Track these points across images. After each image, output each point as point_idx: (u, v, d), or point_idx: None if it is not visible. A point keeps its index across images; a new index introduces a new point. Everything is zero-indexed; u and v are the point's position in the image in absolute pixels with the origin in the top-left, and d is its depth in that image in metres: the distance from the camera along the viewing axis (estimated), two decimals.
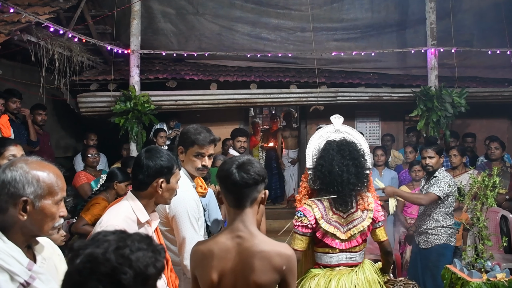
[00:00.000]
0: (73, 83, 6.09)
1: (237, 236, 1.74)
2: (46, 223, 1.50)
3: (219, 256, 1.73)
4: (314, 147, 3.04)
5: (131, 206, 2.08)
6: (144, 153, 2.14)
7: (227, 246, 1.73)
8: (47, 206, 1.48)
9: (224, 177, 1.74)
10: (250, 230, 1.74)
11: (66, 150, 7.10)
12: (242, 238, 1.73)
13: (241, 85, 6.64)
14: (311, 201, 2.82)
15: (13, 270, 1.39)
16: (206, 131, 2.64)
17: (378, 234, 2.87)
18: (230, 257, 1.72)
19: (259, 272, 1.69)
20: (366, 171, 2.85)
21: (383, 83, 6.97)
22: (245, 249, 1.71)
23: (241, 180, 1.71)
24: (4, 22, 4.75)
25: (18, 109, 5.01)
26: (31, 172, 1.47)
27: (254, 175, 1.72)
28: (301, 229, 2.74)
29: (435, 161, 4.13)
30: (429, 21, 6.48)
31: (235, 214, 1.77)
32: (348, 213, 2.76)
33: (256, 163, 1.79)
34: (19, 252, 1.45)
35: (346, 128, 3.13)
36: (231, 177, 1.72)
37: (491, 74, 7.29)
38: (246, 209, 1.76)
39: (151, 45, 6.62)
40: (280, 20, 7.13)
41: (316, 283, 2.73)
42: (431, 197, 4.01)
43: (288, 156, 8.27)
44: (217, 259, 1.72)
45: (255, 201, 1.77)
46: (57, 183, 1.51)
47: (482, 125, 7.15)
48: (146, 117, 5.90)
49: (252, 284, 1.69)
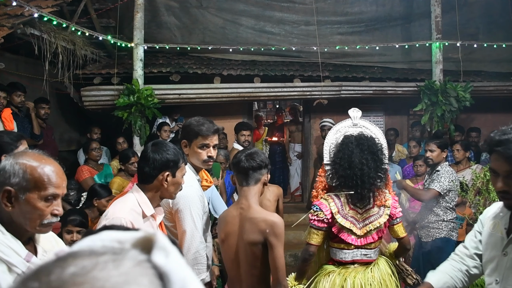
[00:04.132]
0: (76, 76, 6.08)
1: (240, 207, 2.33)
2: (32, 218, 1.45)
3: (227, 221, 2.36)
4: (332, 142, 2.96)
5: (136, 199, 2.08)
6: (151, 146, 2.14)
7: (233, 214, 2.36)
8: (32, 200, 1.43)
9: (237, 162, 2.36)
10: (250, 203, 2.31)
11: (69, 144, 7.11)
12: (243, 209, 2.31)
13: (245, 79, 6.61)
14: (327, 196, 2.78)
15: (10, 261, 1.40)
16: (208, 122, 2.62)
17: (396, 230, 2.83)
18: (235, 222, 2.32)
19: (248, 233, 2.24)
20: (384, 166, 2.81)
21: (387, 77, 6.93)
22: (243, 217, 2.29)
23: (248, 165, 2.32)
24: (7, 15, 4.74)
25: (22, 103, 5.01)
26: (20, 163, 1.44)
27: (258, 161, 2.34)
28: (317, 223, 2.70)
29: (435, 155, 4.12)
30: (434, 15, 6.43)
31: (242, 191, 2.37)
32: (365, 209, 2.73)
33: (261, 153, 2.41)
34: (17, 244, 1.45)
35: (363, 122, 3.04)
36: (241, 163, 2.34)
37: (496, 68, 7.23)
38: (250, 187, 2.34)
39: (154, 38, 6.59)
40: (284, 13, 7.09)
41: (331, 281, 2.70)
42: (431, 193, 4.01)
43: (294, 150, 8.29)
44: (226, 223, 2.36)
45: (258, 181, 2.36)
46: (49, 178, 1.45)
47: (487, 120, 7.10)
48: (150, 110, 5.89)
49: (245, 241, 2.25)
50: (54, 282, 0.44)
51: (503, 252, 1.72)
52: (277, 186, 4.37)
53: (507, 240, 1.71)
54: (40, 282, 0.45)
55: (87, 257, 0.47)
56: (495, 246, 1.78)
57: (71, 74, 5.91)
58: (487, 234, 1.86)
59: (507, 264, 1.69)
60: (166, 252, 0.52)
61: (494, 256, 1.78)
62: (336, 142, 2.90)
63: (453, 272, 1.99)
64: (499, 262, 1.74)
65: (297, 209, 6.91)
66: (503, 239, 1.74)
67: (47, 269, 0.46)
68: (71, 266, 0.46)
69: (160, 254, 0.51)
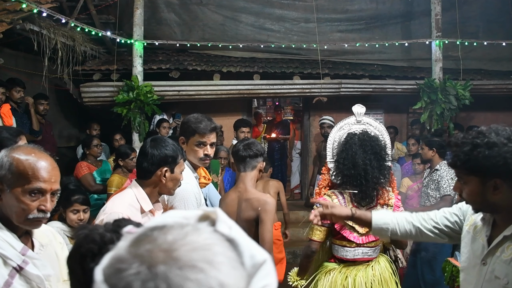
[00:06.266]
0: (76, 72, 6.07)
1: (238, 190, 2.66)
2: (17, 213, 1.42)
3: (226, 203, 2.67)
4: (335, 140, 2.97)
5: (135, 194, 2.08)
6: (150, 141, 2.14)
7: (232, 197, 2.68)
8: (16, 193, 1.41)
9: (236, 151, 2.70)
10: (246, 186, 2.64)
11: (69, 140, 7.11)
12: (240, 192, 2.64)
13: (244, 76, 6.60)
14: (331, 192, 2.79)
15: (5, 254, 1.40)
16: (207, 120, 2.61)
17: None
18: (233, 204, 2.63)
19: (244, 211, 2.57)
20: (388, 164, 2.80)
21: (387, 75, 6.92)
22: (240, 198, 2.62)
23: (246, 153, 2.65)
24: (6, 10, 4.72)
25: (22, 99, 5.00)
26: (10, 156, 1.42)
27: (255, 150, 2.67)
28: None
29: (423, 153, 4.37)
30: (434, 13, 6.42)
31: (240, 176, 2.70)
32: (368, 207, 2.73)
33: (257, 143, 2.74)
34: (12, 237, 1.45)
35: (367, 119, 3.04)
36: (239, 151, 2.67)
37: (496, 67, 7.23)
38: (247, 173, 2.67)
39: (154, 35, 6.58)
40: (284, 10, 7.08)
41: (332, 279, 2.70)
42: (448, 199, 4.04)
43: (296, 147, 8.31)
44: (225, 205, 2.65)
45: (255, 168, 2.69)
46: (33, 172, 1.41)
47: (486, 118, 7.11)
48: (149, 107, 5.89)
49: (242, 219, 2.54)
50: (163, 244, 0.56)
51: (482, 262, 1.61)
52: (277, 181, 4.84)
53: (488, 250, 1.59)
54: (152, 244, 0.56)
55: (175, 228, 0.59)
56: (475, 252, 1.67)
57: (71, 70, 5.89)
58: (467, 234, 1.74)
59: (486, 276, 1.58)
60: (228, 225, 0.63)
61: (473, 263, 1.67)
62: (340, 139, 2.91)
63: (402, 220, 1.93)
64: (478, 271, 1.62)
65: (296, 206, 6.92)
66: (484, 247, 1.62)
67: (151, 236, 0.58)
68: (168, 234, 0.58)
69: (224, 226, 0.63)
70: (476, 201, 1.58)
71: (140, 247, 0.56)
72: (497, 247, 1.56)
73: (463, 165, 1.54)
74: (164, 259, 0.54)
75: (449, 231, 1.85)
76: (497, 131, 1.50)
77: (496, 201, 1.52)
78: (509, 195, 1.50)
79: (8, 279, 1.38)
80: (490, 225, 1.63)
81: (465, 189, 1.58)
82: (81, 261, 1.03)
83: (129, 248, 0.57)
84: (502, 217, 1.58)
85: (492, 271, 1.56)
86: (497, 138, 1.48)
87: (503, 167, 1.45)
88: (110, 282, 0.55)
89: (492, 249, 1.57)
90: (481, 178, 1.52)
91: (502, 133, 1.49)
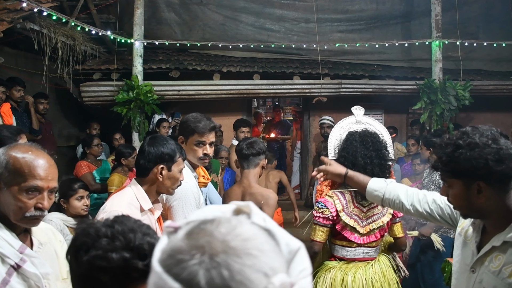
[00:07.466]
0: (76, 72, 6.07)
1: (242, 186, 2.85)
2: (14, 210, 1.42)
3: (230, 197, 2.84)
4: (336, 139, 2.97)
5: (134, 193, 2.08)
6: (148, 140, 2.15)
7: (236, 191, 2.87)
8: (13, 191, 1.41)
9: (239, 149, 2.87)
10: (250, 182, 2.83)
11: (68, 139, 7.10)
12: (244, 187, 2.84)
13: (244, 76, 6.61)
14: (332, 193, 2.77)
15: (3, 252, 1.40)
16: (206, 119, 2.59)
17: (394, 229, 2.83)
18: (237, 198, 2.78)
19: None
20: (388, 162, 2.79)
21: (386, 75, 6.92)
22: (244, 193, 2.82)
23: (249, 151, 2.82)
24: (6, 10, 4.72)
25: (22, 98, 5.00)
26: (7, 154, 1.42)
27: (257, 149, 2.83)
28: (322, 221, 2.68)
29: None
30: (434, 13, 6.42)
31: (244, 173, 2.88)
32: (369, 207, 2.72)
33: (259, 142, 2.92)
34: (10, 235, 1.44)
35: (367, 119, 3.05)
36: (243, 150, 2.84)
37: (496, 67, 7.24)
38: (251, 169, 2.85)
39: (154, 34, 6.58)
40: (284, 10, 7.08)
41: (332, 276, 2.70)
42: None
43: (297, 147, 8.32)
44: (230, 199, 2.78)
45: (257, 165, 2.85)
46: (30, 170, 1.41)
47: (486, 119, 7.10)
48: (149, 107, 5.89)
49: None
50: (219, 236, 0.61)
51: (471, 269, 1.54)
52: (278, 170, 5.31)
53: (477, 257, 1.52)
54: (210, 236, 0.61)
55: (223, 221, 0.64)
56: (465, 259, 1.60)
57: (71, 69, 5.89)
58: (459, 237, 1.67)
59: (475, 285, 1.51)
60: (262, 217, 0.68)
61: (463, 269, 1.60)
62: (340, 138, 2.91)
63: (396, 190, 1.93)
64: (467, 278, 1.56)
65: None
66: (473, 254, 1.54)
67: (206, 229, 0.63)
68: (221, 227, 0.63)
69: (258, 218, 0.68)
70: (461, 205, 1.52)
71: (199, 239, 0.61)
72: (485, 255, 1.50)
73: (445, 167, 1.48)
74: (224, 249, 0.59)
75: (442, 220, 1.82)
76: (482, 131, 1.44)
77: (481, 206, 1.46)
78: (495, 199, 1.44)
79: (6, 277, 1.38)
80: (480, 231, 1.56)
81: (450, 192, 1.52)
82: (76, 254, 1.06)
83: (187, 241, 0.62)
84: (491, 223, 1.51)
85: (480, 281, 1.50)
86: (479, 139, 1.41)
87: (484, 169, 1.38)
88: (172, 272, 0.59)
89: (481, 257, 1.51)
90: (464, 181, 1.45)
91: (487, 134, 1.42)
